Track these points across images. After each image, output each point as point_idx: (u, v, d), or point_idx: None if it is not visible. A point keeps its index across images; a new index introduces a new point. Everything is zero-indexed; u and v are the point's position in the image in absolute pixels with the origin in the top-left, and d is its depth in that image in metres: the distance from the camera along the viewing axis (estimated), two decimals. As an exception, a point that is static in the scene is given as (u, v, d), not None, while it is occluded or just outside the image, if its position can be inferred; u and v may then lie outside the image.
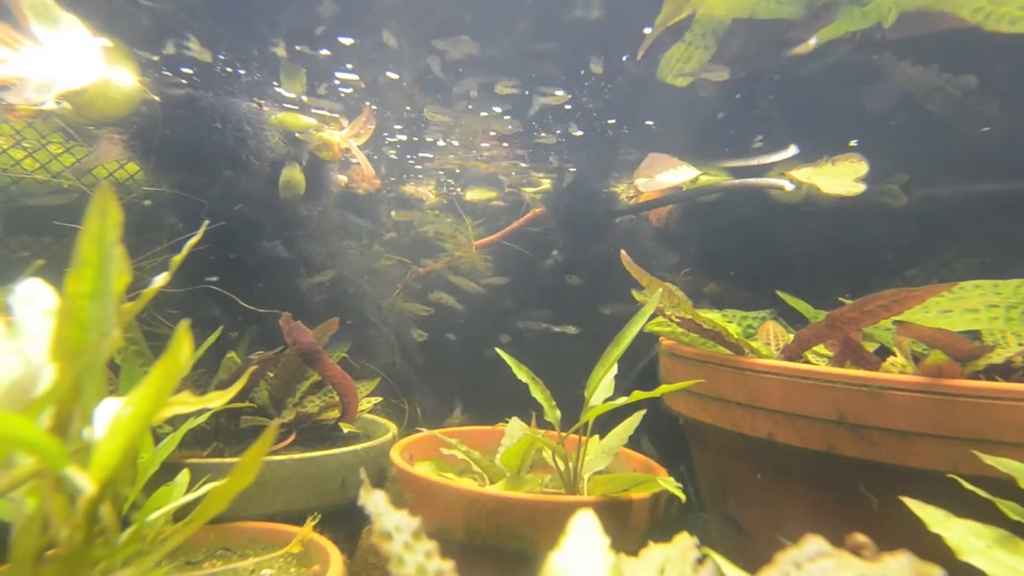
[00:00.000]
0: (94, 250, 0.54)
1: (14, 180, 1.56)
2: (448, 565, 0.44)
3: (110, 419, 0.50)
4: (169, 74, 1.62)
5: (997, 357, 0.91)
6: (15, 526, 0.53)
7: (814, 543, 0.45)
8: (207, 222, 0.95)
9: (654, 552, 0.61)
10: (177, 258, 0.72)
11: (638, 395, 1.01)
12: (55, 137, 1.63)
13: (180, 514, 0.71)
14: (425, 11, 1.45)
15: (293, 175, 1.70)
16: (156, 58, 1.55)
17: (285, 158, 1.71)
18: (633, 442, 1.22)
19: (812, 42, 1.28)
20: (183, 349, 0.48)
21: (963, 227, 1.48)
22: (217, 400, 0.60)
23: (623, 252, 1.13)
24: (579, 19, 1.43)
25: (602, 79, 1.65)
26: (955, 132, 1.44)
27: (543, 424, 1.25)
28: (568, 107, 1.77)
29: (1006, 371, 0.92)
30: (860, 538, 0.45)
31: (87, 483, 0.49)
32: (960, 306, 0.93)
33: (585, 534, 0.48)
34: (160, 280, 0.67)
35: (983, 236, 1.45)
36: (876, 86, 1.43)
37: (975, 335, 1.05)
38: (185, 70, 1.62)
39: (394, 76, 1.68)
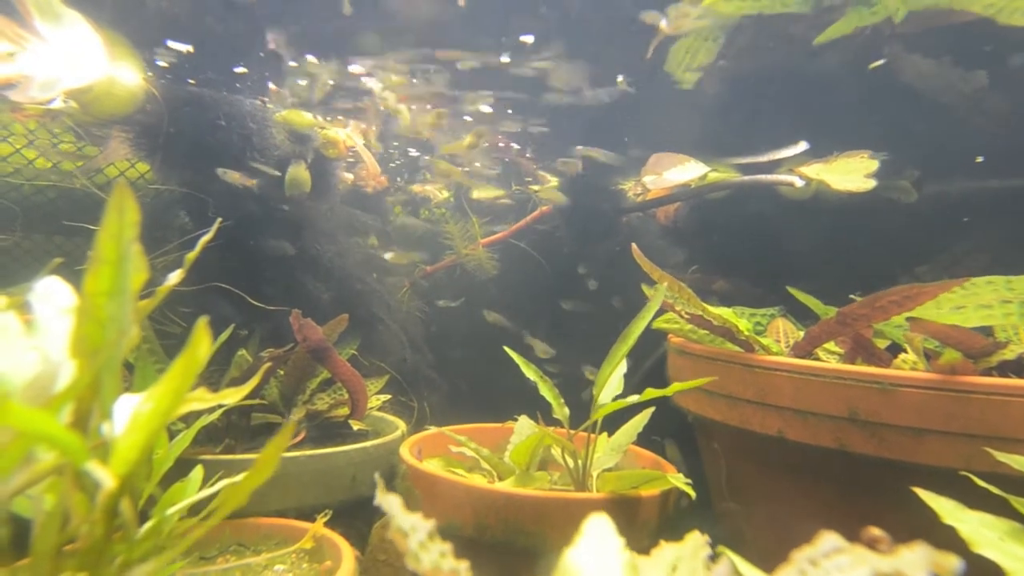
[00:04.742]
0: (112, 248, 0.54)
1: (27, 179, 1.57)
2: (463, 565, 0.44)
3: (130, 415, 0.51)
4: (165, 66, 1.63)
5: (1010, 353, 0.91)
6: (35, 521, 0.54)
7: (829, 539, 0.45)
8: (220, 220, 0.96)
9: (666, 551, 0.61)
10: (191, 255, 0.72)
11: (651, 392, 1.01)
12: (66, 137, 1.64)
13: (195, 510, 0.71)
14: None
15: (298, 173, 1.70)
16: (166, 59, 1.55)
17: (291, 156, 1.71)
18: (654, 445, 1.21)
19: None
20: (202, 346, 0.49)
21: (974, 223, 1.47)
22: (232, 397, 0.60)
23: (634, 246, 1.12)
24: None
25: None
26: (966, 127, 1.43)
27: (551, 422, 1.25)
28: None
29: (1019, 367, 0.91)
30: (875, 532, 0.45)
31: (107, 478, 0.49)
32: (973, 302, 0.92)
33: (599, 533, 0.48)
34: (174, 277, 0.68)
35: (994, 232, 1.44)
36: (887, 81, 1.42)
37: (987, 331, 1.04)
38: (189, 68, 1.63)
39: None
